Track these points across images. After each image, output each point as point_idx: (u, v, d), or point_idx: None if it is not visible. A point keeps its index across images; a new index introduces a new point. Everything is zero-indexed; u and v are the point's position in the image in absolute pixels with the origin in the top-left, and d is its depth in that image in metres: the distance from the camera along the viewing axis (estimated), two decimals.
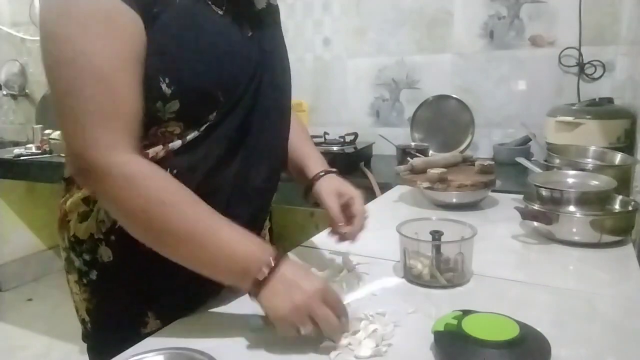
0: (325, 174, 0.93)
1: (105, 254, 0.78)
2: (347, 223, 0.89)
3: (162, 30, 0.67)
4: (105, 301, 0.81)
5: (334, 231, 0.91)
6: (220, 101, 0.73)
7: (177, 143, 0.72)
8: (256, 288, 0.65)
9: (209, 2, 0.73)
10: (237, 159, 0.78)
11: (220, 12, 0.75)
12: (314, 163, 0.95)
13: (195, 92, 0.70)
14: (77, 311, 0.87)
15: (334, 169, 0.95)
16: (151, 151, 0.71)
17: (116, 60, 0.63)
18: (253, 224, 0.90)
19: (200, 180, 0.74)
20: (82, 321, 0.86)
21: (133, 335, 0.71)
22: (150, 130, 0.71)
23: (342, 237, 0.90)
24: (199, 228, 0.66)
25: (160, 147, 0.72)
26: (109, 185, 0.65)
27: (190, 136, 0.73)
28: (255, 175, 0.81)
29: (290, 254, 0.70)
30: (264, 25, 0.82)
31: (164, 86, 0.67)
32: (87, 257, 0.80)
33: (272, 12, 0.87)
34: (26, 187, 3.07)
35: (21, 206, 3.09)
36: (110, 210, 0.74)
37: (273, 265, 0.65)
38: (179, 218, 0.65)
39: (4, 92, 3.27)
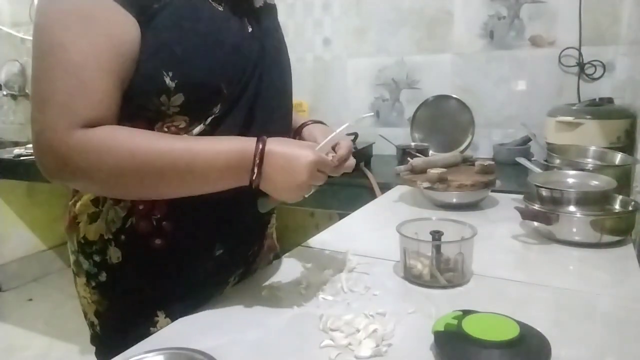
0: (312, 123, 0.95)
1: (115, 255, 0.79)
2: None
3: (163, 25, 0.68)
4: (115, 302, 0.82)
5: None
6: (224, 93, 0.74)
7: None
8: (254, 181, 0.70)
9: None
10: None
11: (220, 8, 0.76)
12: (304, 118, 0.97)
13: (199, 84, 0.71)
14: (85, 315, 0.87)
15: (321, 121, 0.97)
16: None
17: (92, 56, 0.64)
18: (259, 220, 0.91)
19: None
20: (91, 324, 0.86)
21: (143, 335, 0.71)
22: (156, 126, 0.72)
23: None
24: (177, 156, 0.67)
25: None
26: (74, 161, 0.65)
27: (197, 130, 0.74)
28: None
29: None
30: (263, 22, 0.84)
31: (167, 80, 0.69)
32: (97, 258, 0.80)
33: (270, 10, 0.88)
34: (26, 187, 3.07)
35: (21, 206, 3.09)
36: (87, 188, 0.76)
37: (260, 153, 0.69)
38: (154, 158, 0.66)
39: (4, 92, 3.27)
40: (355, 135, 2.11)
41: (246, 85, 0.77)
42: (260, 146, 0.70)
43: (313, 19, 2.40)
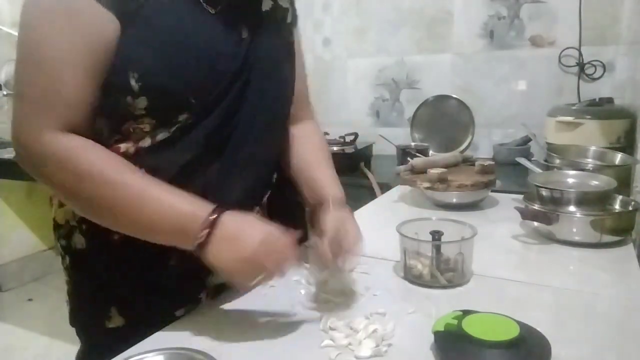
0: (336, 207, 0.83)
1: (79, 241, 0.79)
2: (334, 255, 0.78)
3: (141, 25, 0.66)
4: (76, 288, 0.83)
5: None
6: (192, 103, 0.71)
7: (147, 141, 0.72)
8: (199, 248, 0.65)
9: (201, 0, 0.71)
10: (211, 170, 0.75)
11: (213, 11, 0.72)
12: (329, 188, 0.86)
13: (161, 91, 0.69)
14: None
15: (346, 205, 0.86)
16: (122, 146, 0.71)
17: (67, 54, 0.64)
18: None
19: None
20: (67, 302, 0.86)
21: (97, 327, 0.72)
22: (124, 125, 0.71)
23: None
24: (130, 195, 0.66)
25: (131, 143, 0.71)
26: (42, 165, 0.66)
27: (160, 136, 0.71)
28: (227, 191, 0.76)
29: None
30: (264, 29, 0.78)
31: (132, 81, 0.67)
32: (63, 242, 0.82)
33: (279, 14, 0.83)
34: (26, 187, 3.07)
35: (21, 206, 3.09)
36: (52, 191, 0.77)
37: (212, 221, 0.65)
38: (108, 188, 0.66)
39: (4, 92, 3.26)
40: (355, 135, 2.11)
41: (220, 97, 0.73)
42: (214, 214, 0.65)
43: (313, 19, 2.40)
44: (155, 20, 0.67)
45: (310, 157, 0.90)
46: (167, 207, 0.66)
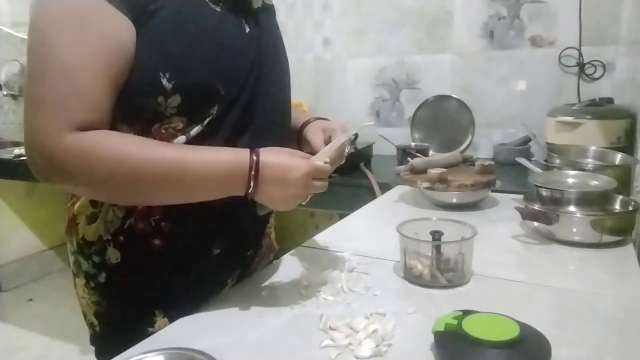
0: (314, 120, 0.94)
1: (114, 255, 0.79)
2: None
3: (159, 27, 0.68)
4: (114, 303, 0.82)
5: None
6: (222, 94, 0.74)
7: (181, 139, 0.73)
8: (249, 193, 0.70)
9: (207, 0, 0.75)
10: None
11: (218, 9, 0.76)
12: (306, 116, 0.97)
13: (196, 86, 0.71)
14: (84, 315, 0.87)
15: (324, 117, 0.97)
16: None
17: (85, 58, 0.64)
18: (257, 220, 0.90)
19: None
20: (91, 325, 0.86)
21: (142, 336, 0.71)
22: (153, 127, 0.72)
23: None
24: (170, 164, 0.67)
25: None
26: (64, 164, 0.64)
27: (194, 131, 0.74)
28: None
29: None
30: (261, 23, 0.83)
31: (164, 81, 0.68)
32: (96, 259, 0.80)
33: (268, 11, 0.88)
34: (26, 187, 3.07)
35: (21, 206, 3.09)
36: (77, 191, 0.77)
37: (255, 166, 0.69)
38: (145, 167, 0.66)
39: (4, 92, 3.27)
40: (355, 135, 2.11)
41: (244, 86, 0.77)
42: (255, 158, 0.70)
43: (313, 19, 2.40)
44: (175, 20, 0.69)
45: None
46: (207, 165, 0.69)
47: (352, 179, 1.83)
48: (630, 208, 1.06)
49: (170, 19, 0.69)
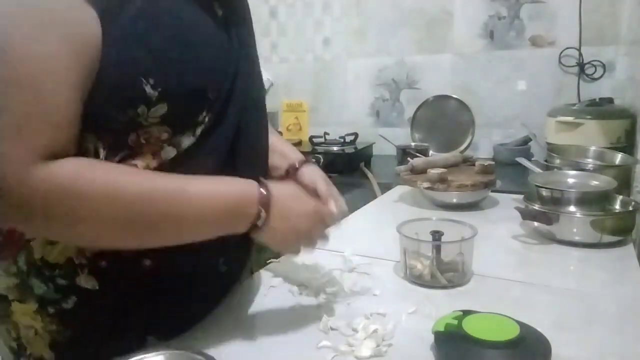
0: (306, 163, 0.88)
1: (88, 282, 0.65)
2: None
3: (136, 19, 0.57)
4: (85, 331, 0.68)
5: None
6: (209, 99, 0.65)
7: (170, 151, 0.63)
8: (254, 230, 0.63)
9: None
10: (232, 171, 0.68)
11: (220, 13, 0.69)
12: (293, 151, 0.91)
13: (185, 92, 0.62)
14: (18, 347, 0.70)
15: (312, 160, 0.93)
16: (139, 162, 0.61)
17: (51, 66, 0.53)
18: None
19: None
20: (37, 358, 0.69)
21: None
22: (129, 137, 0.61)
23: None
24: (170, 198, 0.58)
25: (150, 156, 0.62)
26: (33, 204, 0.52)
27: (186, 142, 0.64)
28: None
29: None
30: (240, 19, 0.75)
31: (147, 88, 0.57)
32: (61, 282, 0.66)
33: (244, 6, 0.79)
34: None
35: None
36: (51, 236, 0.62)
37: (264, 200, 0.62)
38: (143, 201, 0.57)
39: None
40: (355, 135, 2.12)
41: (231, 90, 0.69)
42: (263, 191, 0.63)
43: (313, 19, 2.40)
44: (152, 11, 0.58)
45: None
46: (212, 197, 0.61)
47: (352, 179, 1.83)
48: (630, 208, 1.06)
49: (147, 14, 0.57)
